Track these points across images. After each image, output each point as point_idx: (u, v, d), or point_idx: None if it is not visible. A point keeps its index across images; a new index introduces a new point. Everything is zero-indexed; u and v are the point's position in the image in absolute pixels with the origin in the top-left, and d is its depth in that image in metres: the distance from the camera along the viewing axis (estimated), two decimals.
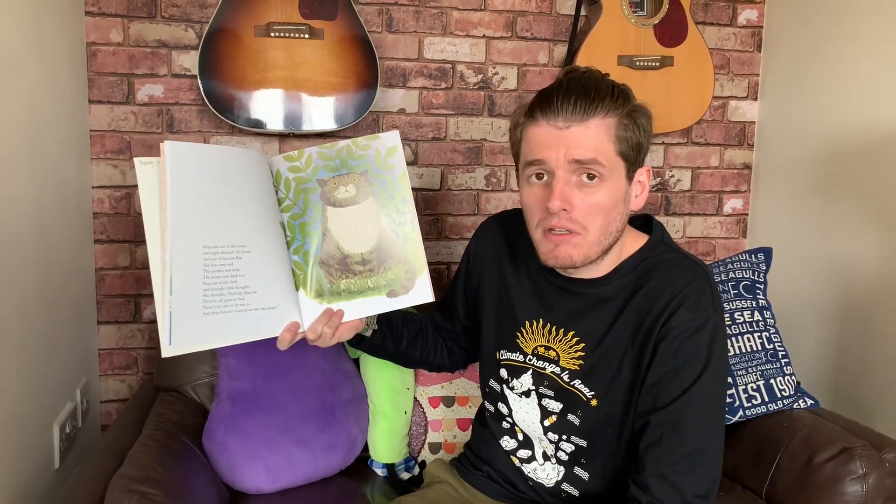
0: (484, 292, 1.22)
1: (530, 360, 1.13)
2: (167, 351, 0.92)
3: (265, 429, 1.43)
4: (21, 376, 1.30)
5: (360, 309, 1.07)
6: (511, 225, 1.20)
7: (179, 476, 1.22)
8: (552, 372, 1.10)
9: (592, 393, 1.06)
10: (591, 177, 0.99)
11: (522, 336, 1.14)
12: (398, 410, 1.54)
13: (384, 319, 1.18)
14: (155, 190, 0.93)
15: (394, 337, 1.22)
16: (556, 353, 1.10)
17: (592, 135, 0.98)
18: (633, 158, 1.01)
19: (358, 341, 1.17)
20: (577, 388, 1.07)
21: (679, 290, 1.00)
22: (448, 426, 1.58)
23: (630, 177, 1.03)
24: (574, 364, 1.08)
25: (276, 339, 1.02)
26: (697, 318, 0.99)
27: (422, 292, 1.06)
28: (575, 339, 1.08)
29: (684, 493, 0.95)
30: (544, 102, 1.00)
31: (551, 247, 1.03)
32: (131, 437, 1.31)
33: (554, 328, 1.11)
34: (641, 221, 1.14)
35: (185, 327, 0.93)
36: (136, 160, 0.93)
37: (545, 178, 1.01)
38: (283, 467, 1.42)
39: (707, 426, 0.99)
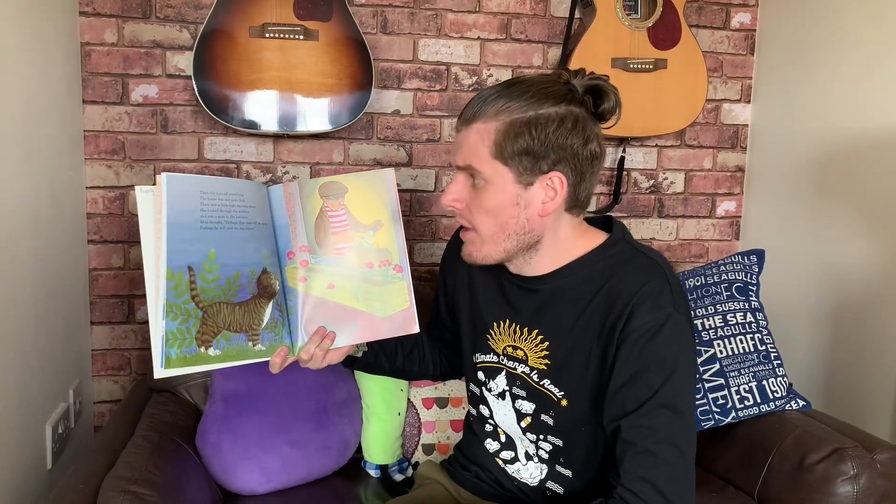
0: (459, 296, 1.23)
1: (502, 360, 1.14)
2: (159, 373, 0.93)
3: (259, 429, 1.42)
4: (13, 377, 1.30)
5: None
6: None
7: (172, 476, 1.22)
8: (522, 372, 1.10)
9: (562, 393, 1.06)
10: (474, 180, 1.01)
11: (492, 337, 1.15)
12: (392, 412, 1.54)
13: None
14: (152, 218, 0.94)
15: (387, 354, 1.24)
16: (524, 352, 1.10)
17: (471, 140, 1.00)
18: (525, 165, 0.98)
19: (350, 362, 1.19)
20: (547, 389, 1.07)
21: (636, 291, 0.98)
22: (441, 427, 1.58)
23: (526, 182, 0.99)
24: (541, 364, 1.08)
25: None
26: (658, 318, 0.97)
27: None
28: (539, 338, 1.08)
29: (665, 493, 0.94)
30: None
31: (463, 246, 1.08)
32: (124, 437, 1.31)
33: (518, 327, 1.11)
34: (603, 222, 1.13)
35: None
36: (136, 188, 0.94)
37: None
38: (277, 468, 1.42)
39: (680, 426, 0.97)
